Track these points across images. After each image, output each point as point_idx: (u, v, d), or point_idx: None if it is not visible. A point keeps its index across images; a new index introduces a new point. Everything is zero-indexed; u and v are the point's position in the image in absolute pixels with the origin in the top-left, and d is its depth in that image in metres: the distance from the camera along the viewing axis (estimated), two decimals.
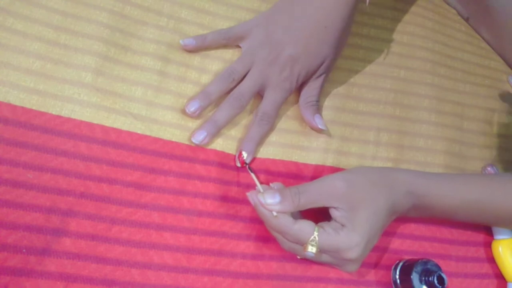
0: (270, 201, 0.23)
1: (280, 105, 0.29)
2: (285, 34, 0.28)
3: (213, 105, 0.29)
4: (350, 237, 0.23)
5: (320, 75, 0.29)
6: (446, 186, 0.26)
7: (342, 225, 0.23)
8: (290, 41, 0.28)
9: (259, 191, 0.24)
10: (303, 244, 0.23)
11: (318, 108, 0.30)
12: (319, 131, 0.29)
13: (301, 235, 0.23)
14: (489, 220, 0.29)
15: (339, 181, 0.24)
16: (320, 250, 0.23)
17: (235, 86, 0.28)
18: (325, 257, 0.24)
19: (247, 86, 0.28)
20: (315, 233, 0.22)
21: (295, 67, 0.28)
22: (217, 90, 0.28)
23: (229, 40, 0.29)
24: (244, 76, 0.28)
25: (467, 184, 0.26)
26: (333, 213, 0.24)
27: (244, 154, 0.27)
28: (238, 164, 0.27)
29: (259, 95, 0.29)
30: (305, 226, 0.23)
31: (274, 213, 0.23)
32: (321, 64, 0.29)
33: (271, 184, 0.25)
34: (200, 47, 0.29)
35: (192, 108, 0.27)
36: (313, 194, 0.24)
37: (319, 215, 0.25)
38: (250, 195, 0.24)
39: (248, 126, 0.28)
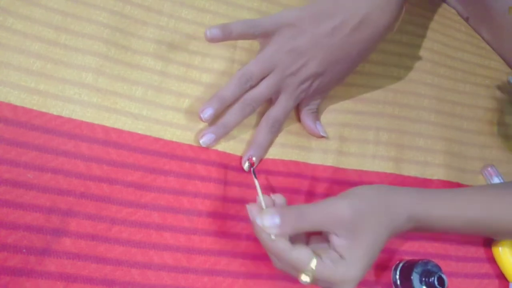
0: (268, 223, 0.22)
1: (290, 113, 0.28)
2: (315, 47, 0.26)
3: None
4: (348, 271, 0.21)
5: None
6: (447, 206, 0.25)
7: (341, 256, 0.22)
8: (317, 56, 0.26)
9: (260, 206, 0.23)
10: (298, 271, 0.22)
11: (317, 115, 0.30)
12: (320, 137, 0.29)
13: (298, 263, 0.21)
14: (491, 234, 0.29)
15: (346, 208, 0.22)
16: (315, 279, 0.22)
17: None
18: (319, 283, 0.22)
19: (261, 92, 0.27)
20: (312, 264, 0.21)
21: (314, 83, 0.27)
22: (232, 95, 0.26)
23: (256, 35, 0.27)
24: (260, 79, 0.27)
25: (468, 202, 0.26)
26: (334, 240, 0.22)
27: (254, 160, 0.27)
28: (246, 168, 0.27)
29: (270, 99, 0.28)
30: (303, 255, 0.21)
31: (272, 236, 0.22)
32: (336, 85, 0.29)
33: (272, 196, 0.24)
34: (226, 39, 0.26)
35: (206, 114, 0.26)
36: (316, 219, 0.22)
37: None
38: (250, 209, 0.23)
39: (256, 129, 0.28)
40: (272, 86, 0.27)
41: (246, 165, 0.27)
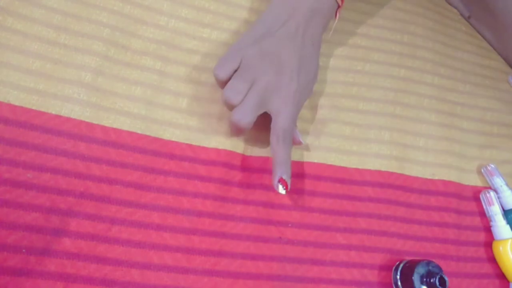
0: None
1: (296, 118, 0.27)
2: (279, 43, 0.26)
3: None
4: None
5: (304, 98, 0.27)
6: None
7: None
8: (287, 51, 0.26)
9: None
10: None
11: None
12: (299, 144, 0.27)
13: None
14: None
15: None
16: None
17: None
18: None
19: (250, 107, 0.25)
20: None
21: (300, 78, 0.26)
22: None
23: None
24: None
25: None
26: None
27: (287, 179, 0.25)
28: (281, 191, 0.25)
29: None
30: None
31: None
32: (313, 81, 0.27)
33: None
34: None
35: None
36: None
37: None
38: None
39: (272, 148, 0.25)
40: (256, 100, 0.26)
41: (280, 188, 0.25)
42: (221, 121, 0.29)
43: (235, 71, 0.26)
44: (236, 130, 0.26)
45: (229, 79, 0.26)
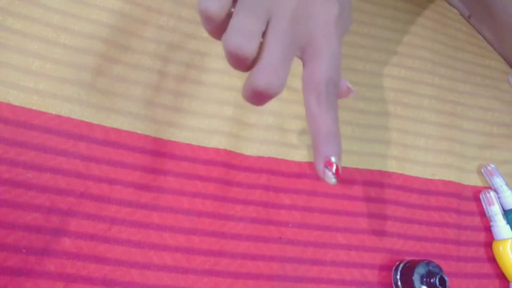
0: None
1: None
2: None
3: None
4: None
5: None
6: None
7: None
8: None
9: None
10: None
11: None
12: (351, 95, 0.19)
13: None
14: None
15: None
16: None
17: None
18: None
19: (279, 51, 0.16)
20: None
21: (342, 14, 0.17)
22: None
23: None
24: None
25: None
26: None
27: (334, 160, 0.16)
28: (332, 181, 0.16)
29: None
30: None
31: None
32: (350, 3, 0.18)
33: None
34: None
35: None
36: None
37: None
38: None
39: (308, 113, 0.17)
40: (284, 47, 0.16)
41: (329, 176, 0.16)
42: (221, 120, 0.29)
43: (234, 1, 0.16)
44: (261, 98, 0.16)
45: (226, 16, 0.16)
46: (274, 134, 0.29)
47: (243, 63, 0.16)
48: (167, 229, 0.25)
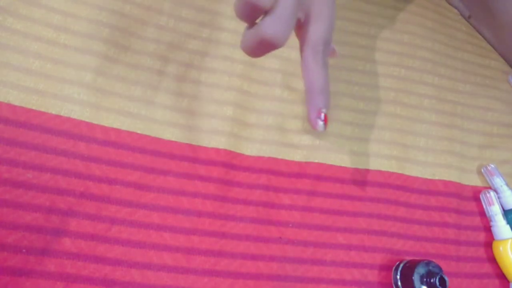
0: None
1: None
2: None
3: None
4: None
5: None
6: None
7: None
8: None
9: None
10: None
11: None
12: (335, 55, 0.22)
13: None
14: None
15: None
16: None
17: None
18: None
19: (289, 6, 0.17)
20: None
21: None
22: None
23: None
24: None
25: None
26: None
27: (324, 111, 0.19)
28: (322, 128, 0.20)
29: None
30: None
31: None
32: None
33: None
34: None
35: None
36: None
37: None
38: None
39: (304, 69, 0.19)
40: (294, 4, 0.17)
41: (320, 124, 0.20)
42: (221, 120, 0.29)
43: None
44: (264, 49, 0.18)
45: None
46: (274, 134, 0.29)
47: (257, 13, 0.17)
48: (167, 229, 0.25)
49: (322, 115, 0.19)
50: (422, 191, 0.31)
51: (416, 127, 0.33)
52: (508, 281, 0.30)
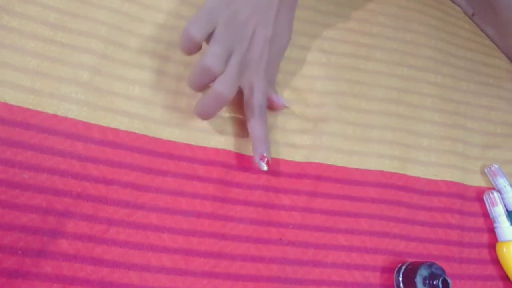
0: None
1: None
2: (254, 12, 0.25)
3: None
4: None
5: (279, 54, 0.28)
6: None
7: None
8: (259, 20, 0.25)
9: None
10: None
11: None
12: (283, 108, 0.29)
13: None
14: None
15: None
16: None
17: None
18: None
19: (230, 80, 0.24)
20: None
21: (271, 48, 0.26)
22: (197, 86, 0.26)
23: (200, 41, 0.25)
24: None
25: None
26: None
27: (265, 154, 0.25)
28: (264, 168, 0.25)
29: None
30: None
31: None
32: (286, 43, 0.27)
33: None
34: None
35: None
36: None
37: None
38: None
39: (248, 125, 0.26)
40: (237, 71, 0.24)
41: (263, 166, 0.25)
42: (221, 120, 0.28)
43: (210, 34, 0.24)
44: (217, 104, 0.25)
45: (201, 42, 0.24)
46: (275, 134, 0.29)
47: (211, 77, 0.25)
48: (165, 230, 0.25)
49: (265, 159, 0.25)
50: (424, 192, 0.31)
51: (419, 126, 0.33)
52: (511, 282, 0.29)
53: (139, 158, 0.26)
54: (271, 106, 0.28)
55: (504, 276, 0.30)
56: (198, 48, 0.25)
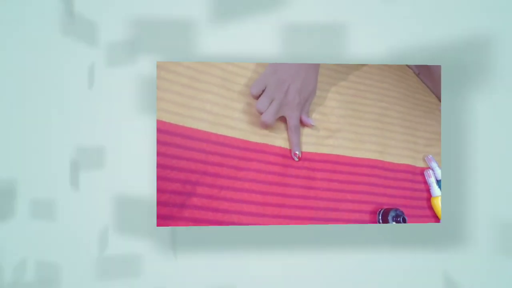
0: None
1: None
2: (289, 73, 0.47)
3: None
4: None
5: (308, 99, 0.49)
6: None
7: None
8: (292, 80, 0.46)
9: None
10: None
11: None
12: (311, 126, 0.49)
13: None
14: None
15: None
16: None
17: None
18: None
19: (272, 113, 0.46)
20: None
21: (301, 95, 0.47)
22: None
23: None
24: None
25: None
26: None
27: (298, 153, 0.47)
28: (296, 159, 0.47)
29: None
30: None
31: None
32: (313, 91, 0.49)
33: None
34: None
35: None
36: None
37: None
38: None
39: (288, 137, 0.48)
40: (275, 109, 0.46)
41: (295, 158, 0.47)
42: (280, 133, 0.48)
43: (263, 90, 0.46)
44: (264, 126, 0.47)
45: (259, 95, 0.46)
46: (311, 139, 0.49)
47: (260, 113, 0.47)
48: (252, 192, 0.44)
49: (297, 155, 0.47)
50: (394, 170, 0.52)
51: (391, 134, 0.54)
52: (438, 218, 0.51)
53: (238, 151, 0.45)
54: (304, 125, 0.49)
55: (434, 215, 0.52)
56: (257, 97, 0.47)
